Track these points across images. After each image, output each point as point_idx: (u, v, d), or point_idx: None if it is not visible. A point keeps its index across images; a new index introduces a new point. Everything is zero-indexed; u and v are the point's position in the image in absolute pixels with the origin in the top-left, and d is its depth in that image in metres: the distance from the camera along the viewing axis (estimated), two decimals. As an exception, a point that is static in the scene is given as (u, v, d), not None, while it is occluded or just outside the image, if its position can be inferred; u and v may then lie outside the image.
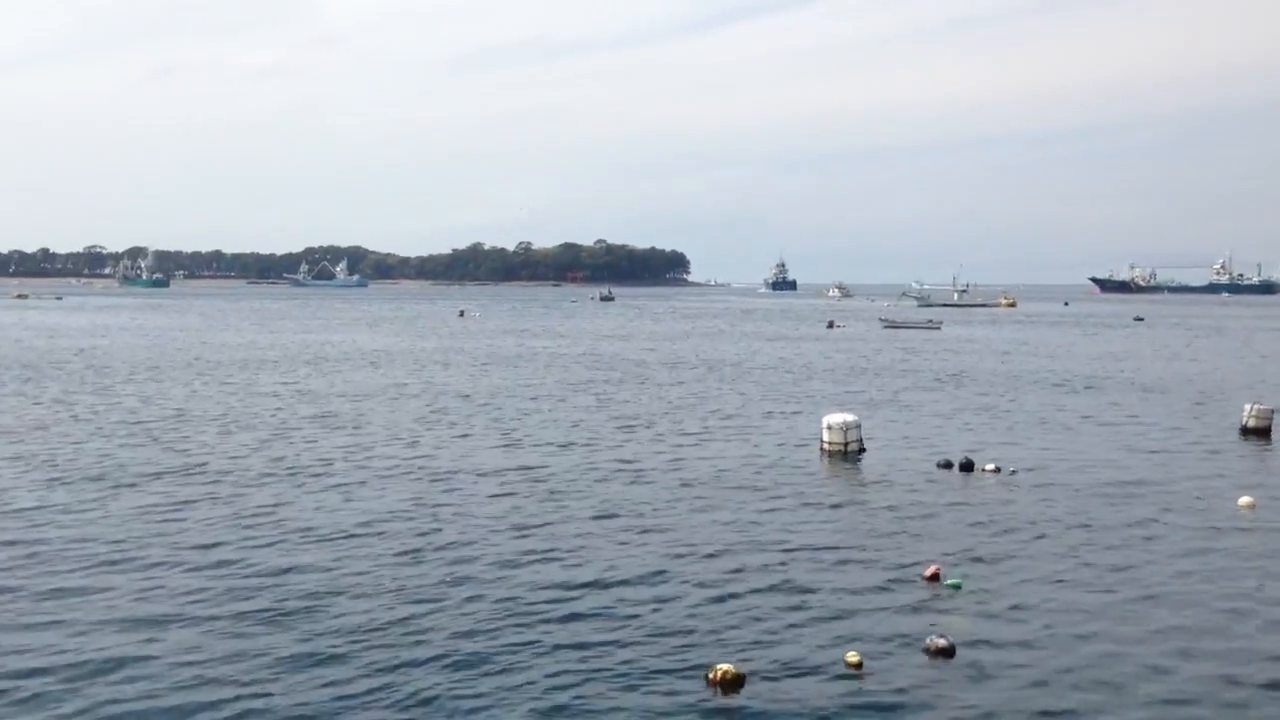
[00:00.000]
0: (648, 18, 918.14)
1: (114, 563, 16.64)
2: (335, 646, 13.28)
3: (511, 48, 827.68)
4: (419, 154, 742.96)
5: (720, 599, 15.51)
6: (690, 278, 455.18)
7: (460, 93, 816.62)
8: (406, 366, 55.34)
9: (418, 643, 13.46)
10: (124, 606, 14.61)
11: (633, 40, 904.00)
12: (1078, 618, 15.01)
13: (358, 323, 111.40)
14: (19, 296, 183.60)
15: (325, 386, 44.39)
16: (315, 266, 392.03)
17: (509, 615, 14.56)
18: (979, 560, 17.86)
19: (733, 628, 14.37)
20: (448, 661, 12.88)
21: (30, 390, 41.60)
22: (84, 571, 16.25)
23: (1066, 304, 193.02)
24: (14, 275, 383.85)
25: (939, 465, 26.48)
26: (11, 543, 17.90)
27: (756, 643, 13.82)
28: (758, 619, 14.74)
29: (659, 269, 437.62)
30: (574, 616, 14.63)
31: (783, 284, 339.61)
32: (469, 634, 13.83)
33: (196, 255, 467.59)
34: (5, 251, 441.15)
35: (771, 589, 16.06)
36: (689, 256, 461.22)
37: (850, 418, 28.84)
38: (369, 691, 12.00)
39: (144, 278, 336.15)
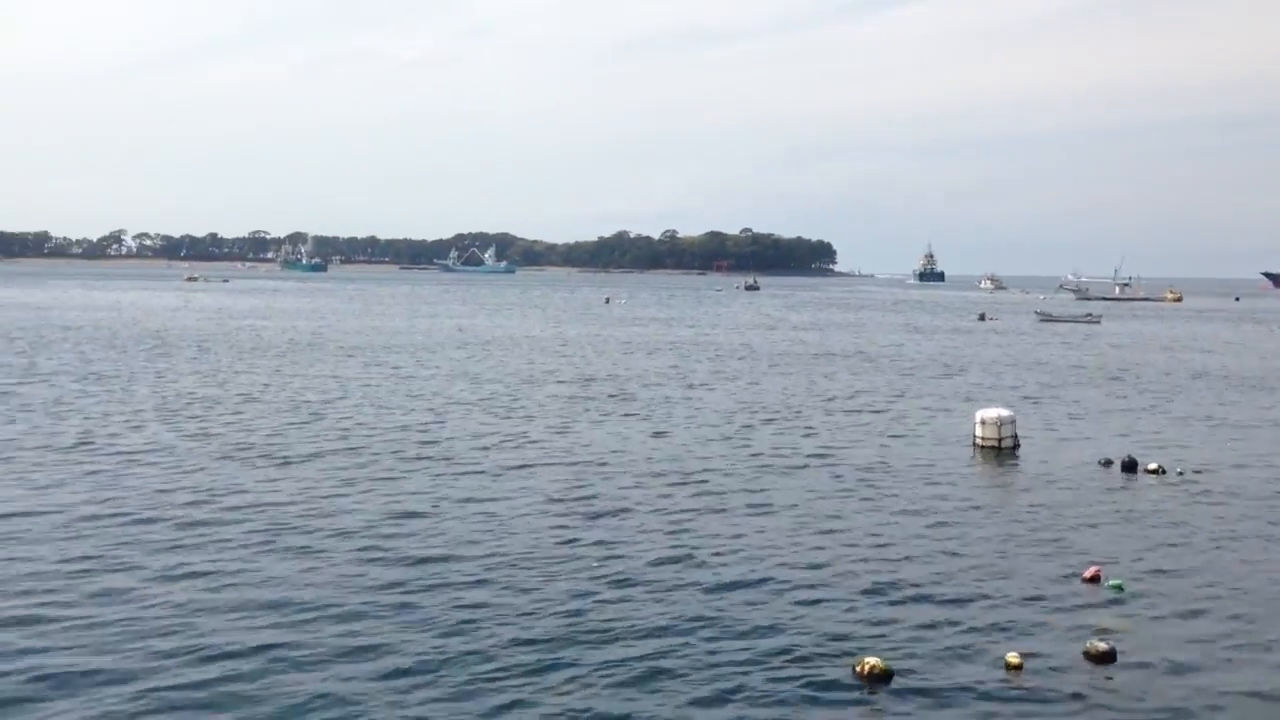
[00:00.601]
0: (799, 3, 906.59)
1: (272, 540, 17.38)
2: (489, 633, 13.62)
3: (663, 35, 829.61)
4: (567, 142, 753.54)
5: (871, 593, 15.38)
6: (836, 268, 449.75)
7: (610, 81, 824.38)
8: (554, 352, 56.24)
9: (572, 628, 13.72)
10: (287, 583, 15.25)
11: (783, 26, 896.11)
12: (1247, 626, 14.39)
13: (505, 308, 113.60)
14: (190, 279, 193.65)
15: (477, 370, 45.45)
16: (464, 253, 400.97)
17: (663, 603, 14.71)
18: (1141, 562, 17.27)
19: (884, 622, 14.23)
20: (601, 649, 13.10)
21: (203, 368, 43.75)
22: (251, 549, 17.03)
23: (1237, 299, 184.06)
24: (185, 259, 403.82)
25: (1099, 464, 25.66)
26: (189, 520, 18.87)
27: (909, 638, 13.66)
28: (909, 615, 14.56)
29: (805, 258, 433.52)
30: (724, 604, 14.70)
31: (931, 275, 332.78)
32: (625, 623, 14.01)
33: (353, 240, 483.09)
34: (178, 236, 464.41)
35: (923, 585, 15.84)
36: (835, 246, 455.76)
37: (1005, 413, 28.16)
38: (526, 674, 12.28)
39: (303, 262, 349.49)
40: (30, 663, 11.96)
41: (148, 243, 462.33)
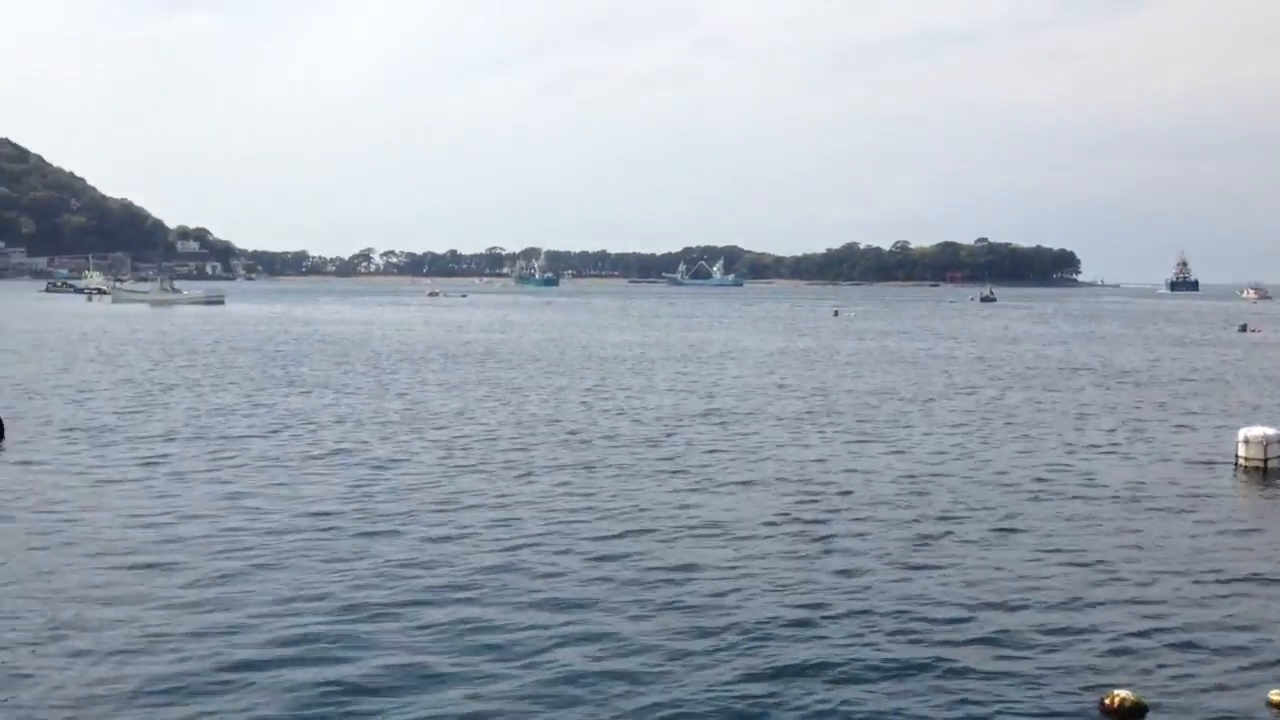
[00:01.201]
0: (1038, 4, 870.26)
1: (517, 549, 17.81)
2: (729, 644, 13.49)
3: (895, 40, 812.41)
4: (798, 152, 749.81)
5: (1119, 623, 14.39)
6: (1079, 278, 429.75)
7: (841, 89, 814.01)
8: (786, 365, 55.88)
9: (806, 646, 13.42)
10: (529, 590, 15.57)
11: (1022, 27, 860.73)
12: None
13: (733, 321, 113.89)
14: (431, 294, 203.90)
15: (708, 383, 45.64)
16: (693, 266, 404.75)
17: (901, 632, 14.23)
18: None
19: (1134, 653, 13.28)
20: (835, 668, 12.77)
21: (450, 379, 45.74)
22: (498, 553, 17.53)
23: None
24: (427, 274, 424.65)
25: (1388, 491, 23.34)
26: (433, 533, 19.63)
27: (1163, 672, 12.72)
28: (1162, 646, 13.55)
29: (1044, 268, 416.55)
30: (964, 631, 14.09)
31: (1183, 284, 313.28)
32: (860, 639, 13.64)
33: (584, 255, 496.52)
34: (420, 253, 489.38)
35: (1177, 615, 14.72)
36: (1078, 255, 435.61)
37: (1271, 431, 26.01)
38: (768, 692, 12.09)
39: (536, 277, 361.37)
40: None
41: (393, 260, 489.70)
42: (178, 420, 32.04)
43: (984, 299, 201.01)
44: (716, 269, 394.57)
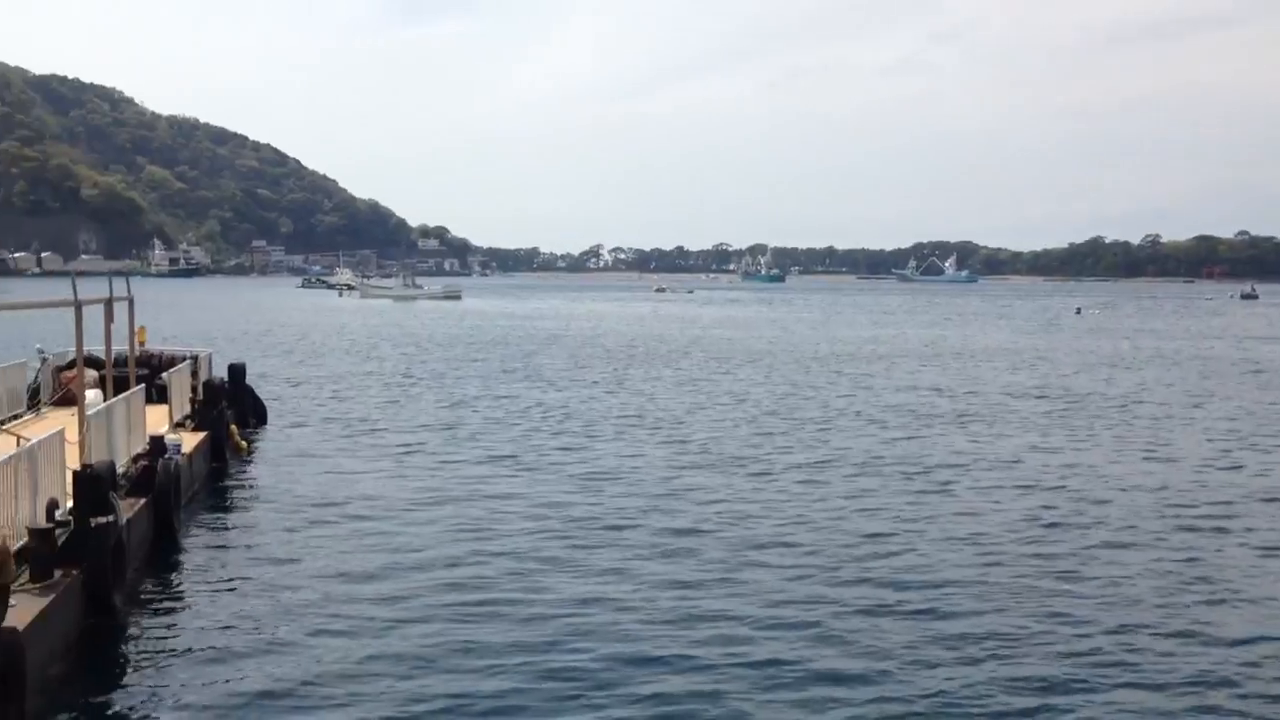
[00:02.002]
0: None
1: (763, 546, 17.30)
2: (983, 655, 12.60)
3: (1138, 25, 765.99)
4: (1036, 143, 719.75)
5: None
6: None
7: (1081, 77, 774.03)
8: (1026, 365, 53.26)
9: (1066, 675, 12.32)
10: (772, 589, 15.04)
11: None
12: None
13: (969, 318, 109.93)
14: (658, 290, 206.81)
15: (947, 383, 43.92)
16: (923, 262, 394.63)
17: (1172, 655, 12.93)
18: None
19: None
20: (1100, 691, 11.65)
21: (682, 375, 45.80)
22: (735, 553, 17.07)
23: None
24: (654, 270, 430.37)
25: None
26: (681, 529, 19.36)
27: None
28: None
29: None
30: (1247, 658, 12.65)
31: None
32: (1128, 675, 12.42)
33: (811, 251, 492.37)
34: (648, 249, 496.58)
35: None
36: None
37: None
38: (1032, 706, 11.17)
39: (762, 273, 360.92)
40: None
41: (621, 256, 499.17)
42: (427, 410, 33.21)
43: (1245, 296, 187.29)
44: (949, 265, 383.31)
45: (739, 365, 51.20)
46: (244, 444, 24.84)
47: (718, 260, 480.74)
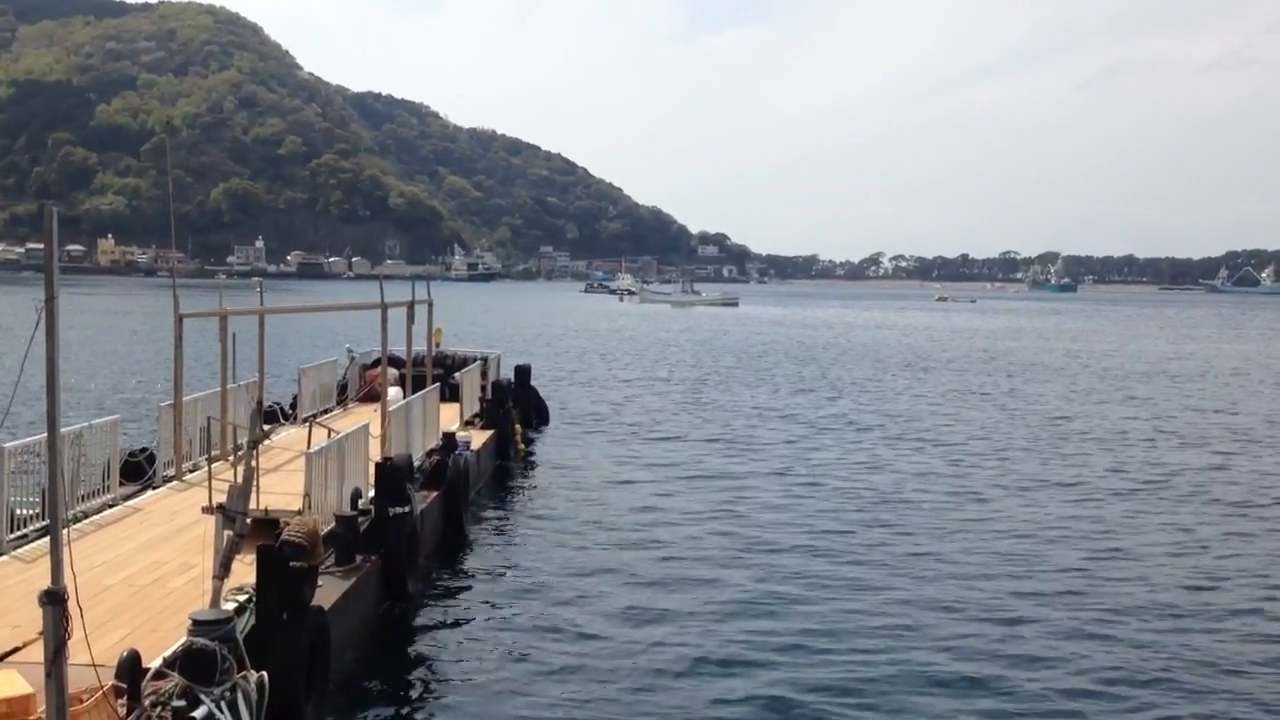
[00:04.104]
0: None
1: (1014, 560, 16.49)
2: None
3: None
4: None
5: None
6: None
7: None
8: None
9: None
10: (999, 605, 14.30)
11: None
12: None
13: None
14: (939, 299, 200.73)
15: (1264, 408, 40.51)
16: (1236, 272, 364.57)
17: None
18: None
19: None
20: None
21: (954, 387, 44.36)
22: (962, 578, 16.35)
23: None
24: (936, 279, 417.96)
25: None
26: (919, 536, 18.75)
27: None
28: None
29: None
30: None
31: None
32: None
33: (1107, 259, 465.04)
34: (930, 258, 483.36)
35: None
36: None
37: None
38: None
39: (1051, 282, 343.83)
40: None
41: (903, 264, 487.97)
42: (707, 418, 33.70)
43: None
44: (1266, 275, 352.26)
45: (1030, 380, 48.99)
46: (522, 445, 25.78)
47: (1005, 269, 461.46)
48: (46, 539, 9.36)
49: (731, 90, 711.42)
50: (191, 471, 16.66)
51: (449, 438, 19.07)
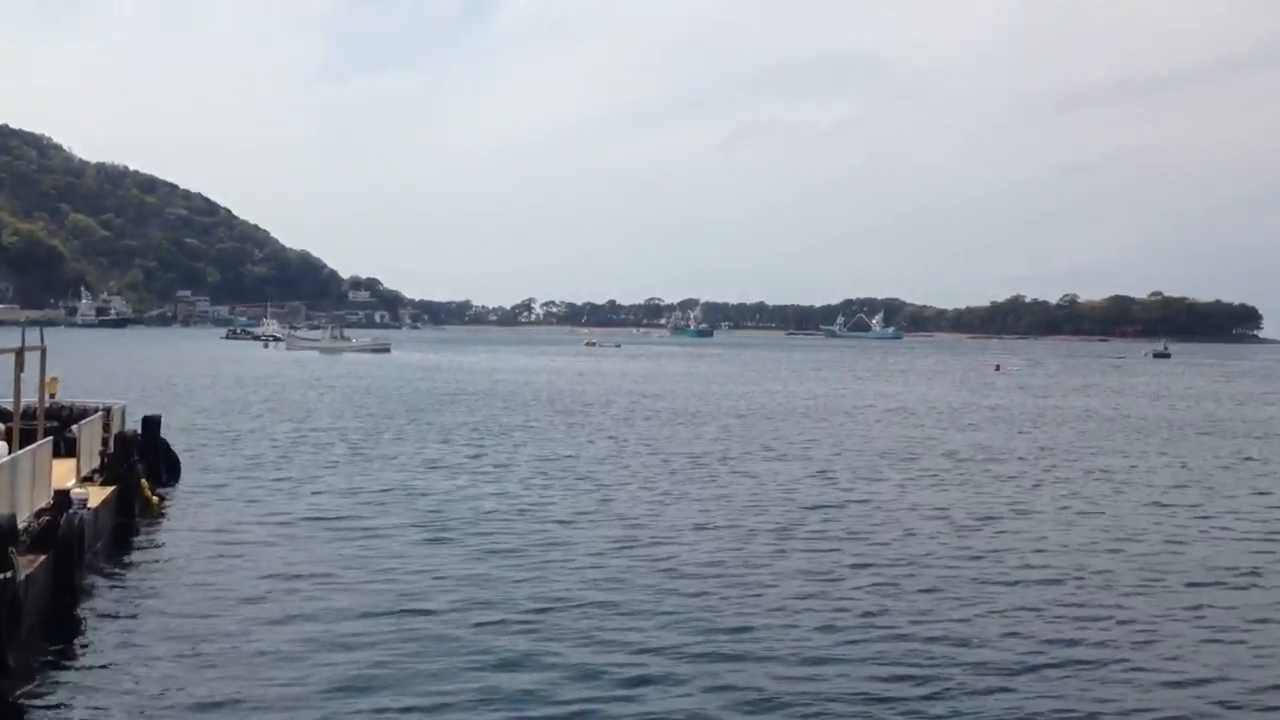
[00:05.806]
0: (1239, 46, 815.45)
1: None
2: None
3: (1080, 88, 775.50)
4: (968, 204, 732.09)
5: None
6: (1261, 334, 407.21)
7: (1023, 141, 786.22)
8: (952, 421, 54.07)
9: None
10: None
11: (1220, 73, 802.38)
12: None
13: (896, 374, 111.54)
14: (589, 344, 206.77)
15: (887, 444, 44.55)
16: (851, 318, 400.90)
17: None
18: None
19: None
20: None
21: (612, 430, 45.83)
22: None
23: None
24: (585, 324, 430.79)
25: None
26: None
27: None
28: None
29: (1222, 325, 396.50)
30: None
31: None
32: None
33: (741, 306, 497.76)
34: (579, 303, 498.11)
35: None
36: (1262, 311, 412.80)
37: None
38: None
39: (691, 328, 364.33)
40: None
41: (553, 310, 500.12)
42: (344, 464, 32.86)
43: (1157, 355, 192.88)
44: (875, 321, 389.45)
45: (682, 424, 51.35)
46: (155, 499, 24.26)
47: (650, 314, 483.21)
48: None
49: (387, 135, 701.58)
50: None
51: (62, 495, 17.52)
